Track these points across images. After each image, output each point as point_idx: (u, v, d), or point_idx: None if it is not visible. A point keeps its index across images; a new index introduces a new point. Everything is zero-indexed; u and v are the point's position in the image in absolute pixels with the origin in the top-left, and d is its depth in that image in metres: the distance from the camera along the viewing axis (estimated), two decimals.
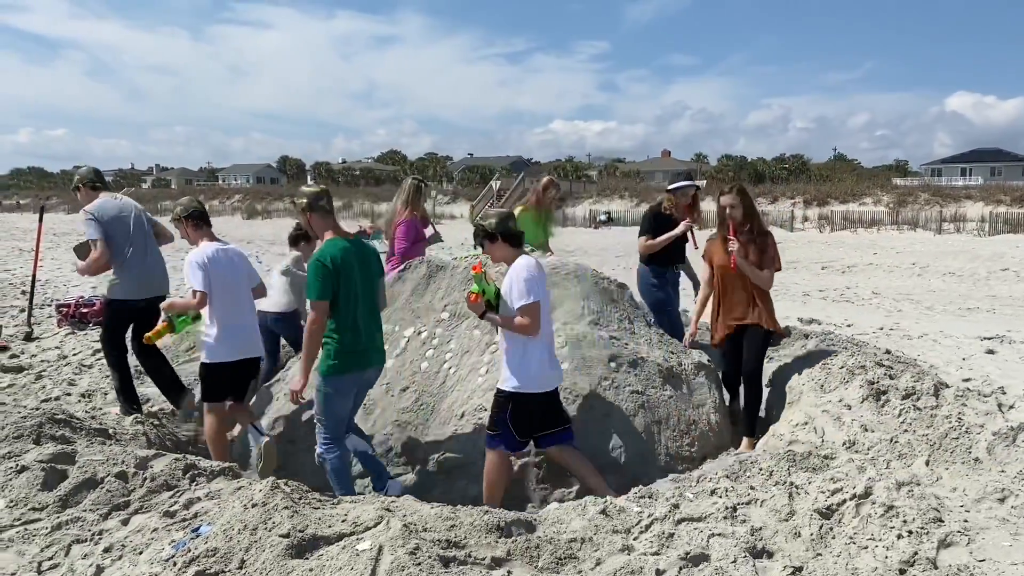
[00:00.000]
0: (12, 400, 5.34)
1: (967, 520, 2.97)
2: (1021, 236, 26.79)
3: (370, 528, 2.80)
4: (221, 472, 3.72)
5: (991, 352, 8.09)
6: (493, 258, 4.14)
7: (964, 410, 4.05)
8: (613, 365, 4.66)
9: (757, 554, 2.82)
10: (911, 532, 2.81)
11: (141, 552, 2.91)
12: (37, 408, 4.56)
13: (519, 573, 2.70)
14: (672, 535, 2.94)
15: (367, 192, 57.56)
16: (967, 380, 6.57)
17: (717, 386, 5.03)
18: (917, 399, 4.25)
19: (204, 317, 4.68)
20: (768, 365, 5.51)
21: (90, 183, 5.43)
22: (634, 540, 2.95)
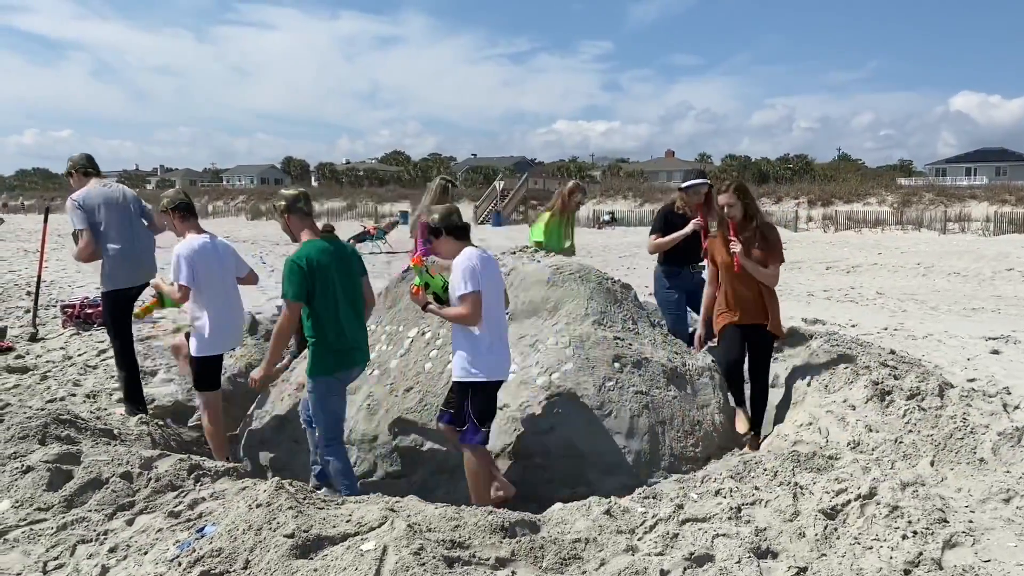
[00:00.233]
0: (17, 401, 5.35)
1: (972, 521, 2.97)
2: None
3: (374, 528, 2.81)
4: (225, 472, 3.73)
5: (996, 352, 8.07)
6: (440, 253, 4.23)
7: (969, 410, 4.05)
8: (617, 365, 4.66)
9: (761, 554, 2.81)
10: (916, 533, 2.81)
11: (146, 552, 2.92)
12: (42, 409, 4.57)
13: (523, 573, 2.70)
14: (676, 535, 2.94)
15: (371, 192, 57.68)
16: (972, 380, 6.55)
17: (721, 387, 5.02)
18: (922, 399, 4.24)
19: (192, 309, 4.75)
20: (773, 365, 5.50)
21: (82, 168, 5.47)
22: (638, 540, 2.95)
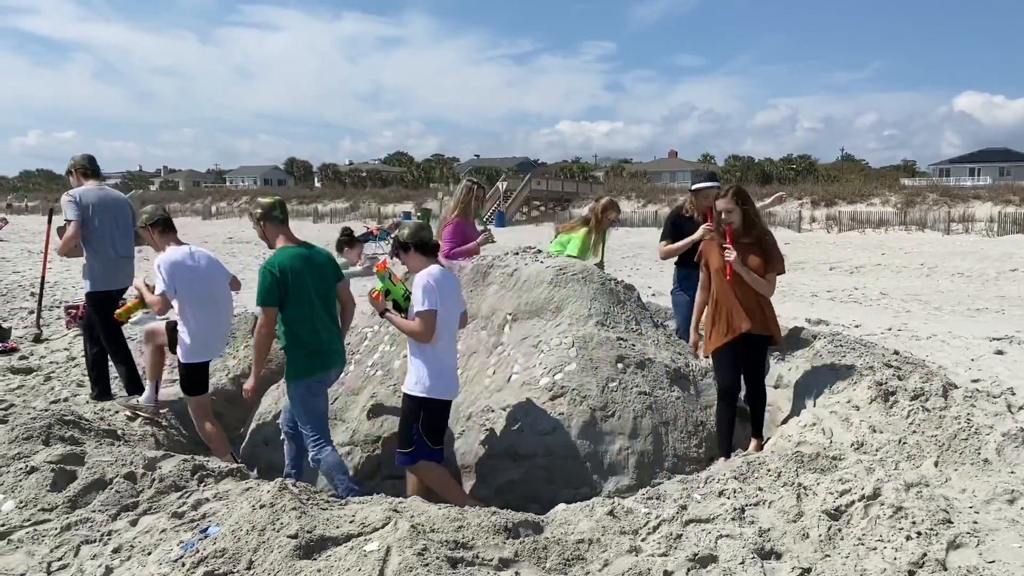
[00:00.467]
0: (21, 401, 5.37)
1: (976, 521, 2.96)
2: None
3: (378, 529, 2.81)
4: (229, 473, 3.73)
5: (1000, 353, 8.06)
6: (407, 267, 4.29)
7: (973, 411, 4.03)
8: (620, 366, 4.66)
9: (765, 555, 2.81)
10: (920, 533, 2.80)
11: (150, 553, 2.92)
12: (46, 409, 4.58)
13: (527, 574, 2.70)
14: (680, 536, 2.93)
15: (374, 193, 57.66)
16: (976, 381, 6.54)
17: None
18: (926, 400, 4.23)
19: (177, 318, 4.82)
20: (777, 366, 5.49)
21: (82, 169, 5.61)
22: (642, 541, 2.95)
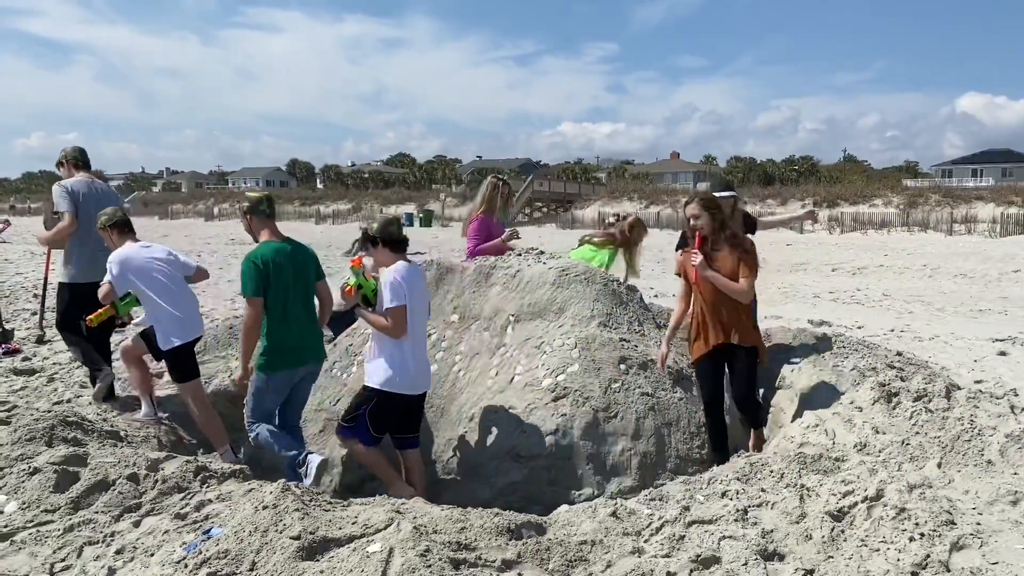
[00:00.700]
0: (24, 403, 5.37)
1: (979, 523, 2.95)
2: None
3: (380, 530, 2.81)
4: (232, 474, 3.73)
5: (1003, 354, 8.04)
6: (376, 262, 4.35)
7: (976, 412, 4.02)
8: (623, 367, 4.65)
9: (768, 556, 2.81)
10: (923, 535, 2.80)
11: (152, 554, 2.92)
12: (49, 411, 4.58)
13: (529, 575, 2.70)
14: (683, 537, 2.93)
15: (376, 194, 57.79)
16: (979, 382, 6.53)
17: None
18: (929, 401, 4.22)
19: (145, 312, 4.95)
20: (778, 367, 5.48)
21: (74, 160, 5.66)
22: (644, 542, 2.94)
